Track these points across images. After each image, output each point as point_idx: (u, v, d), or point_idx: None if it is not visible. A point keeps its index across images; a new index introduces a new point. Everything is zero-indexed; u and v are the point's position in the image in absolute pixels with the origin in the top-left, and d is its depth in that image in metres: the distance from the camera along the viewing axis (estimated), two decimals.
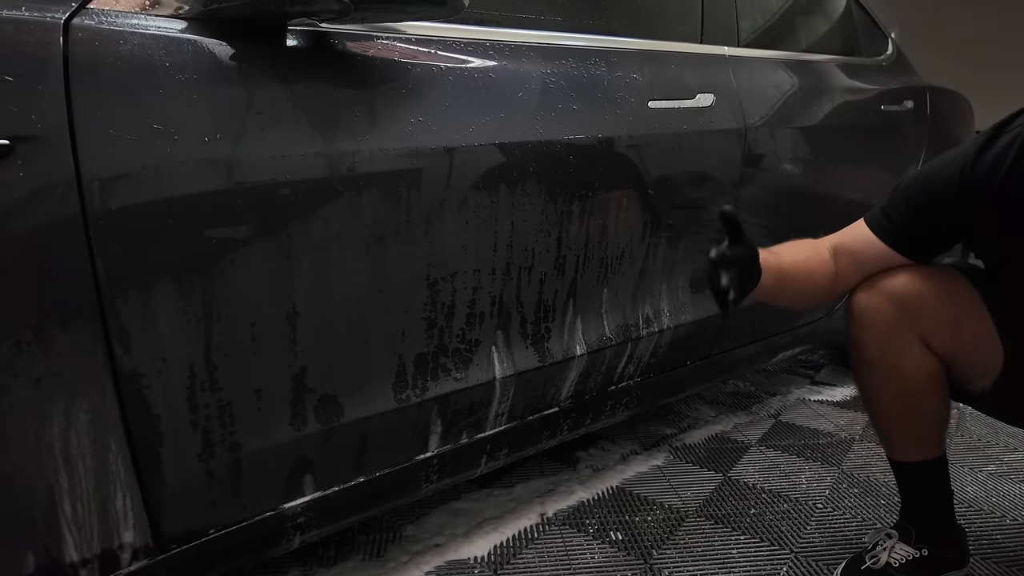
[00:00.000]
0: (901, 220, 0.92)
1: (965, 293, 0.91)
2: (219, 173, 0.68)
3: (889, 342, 0.92)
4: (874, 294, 0.92)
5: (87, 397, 0.64)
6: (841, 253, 0.97)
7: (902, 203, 0.92)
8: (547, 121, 0.97)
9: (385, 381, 0.87)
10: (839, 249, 0.97)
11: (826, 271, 0.96)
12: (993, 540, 1.16)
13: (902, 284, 0.91)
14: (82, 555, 0.66)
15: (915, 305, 0.90)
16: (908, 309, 0.90)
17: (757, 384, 1.97)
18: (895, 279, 0.91)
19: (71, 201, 0.60)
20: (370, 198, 0.79)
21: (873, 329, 0.93)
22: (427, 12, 0.76)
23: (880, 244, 0.93)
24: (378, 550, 1.13)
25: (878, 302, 0.92)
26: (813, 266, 0.96)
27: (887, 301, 0.91)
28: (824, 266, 0.96)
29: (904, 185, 0.93)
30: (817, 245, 0.99)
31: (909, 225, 0.91)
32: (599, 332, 1.13)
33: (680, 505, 1.28)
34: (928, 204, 0.89)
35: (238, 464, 0.76)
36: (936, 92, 1.95)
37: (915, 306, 0.90)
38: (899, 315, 0.90)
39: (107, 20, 0.64)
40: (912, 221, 0.91)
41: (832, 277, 0.96)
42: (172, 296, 0.67)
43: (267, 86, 0.72)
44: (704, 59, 1.28)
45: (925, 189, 0.89)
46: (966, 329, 0.90)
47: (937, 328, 0.90)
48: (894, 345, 0.91)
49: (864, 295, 0.94)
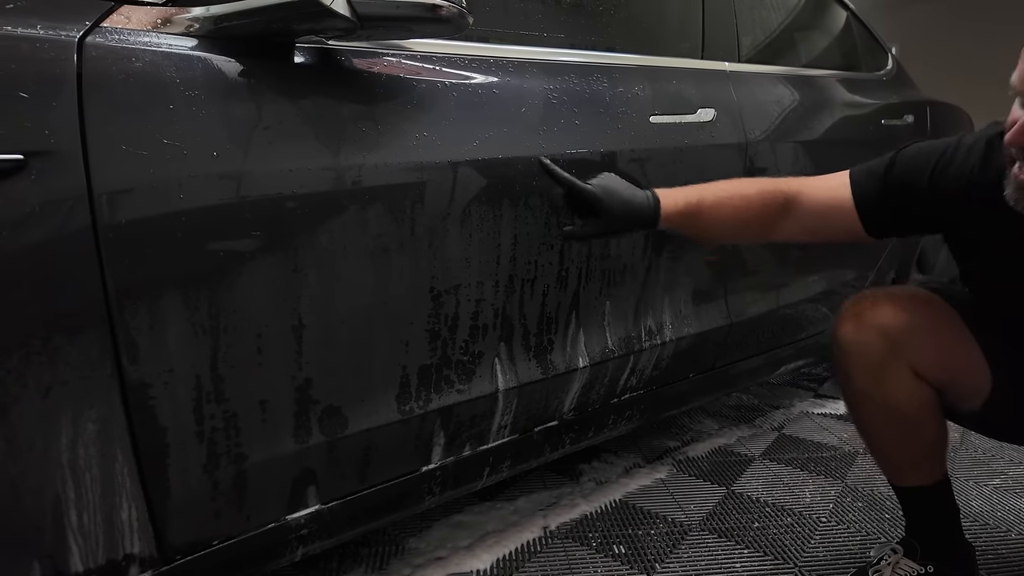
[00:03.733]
0: (883, 194, 0.90)
1: (951, 319, 0.91)
2: (227, 187, 0.69)
3: (881, 376, 0.90)
4: (861, 328, 0.90)
5: (94, 407, 0.64)
6: (800, 197, 0.94)
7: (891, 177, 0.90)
8: (550, 136, 0.98)
9: (389, 393, 0.88)
10: (800, 194, 0.94)
11: (762, 211, 0.93)
12: (999, 554, 1.16)
13: (890, 316, 0.89)
14: (87, 565, 0.67)
15: (904, 337, 0.88)
16: (897, 341, 0.88)
17: (760, 397, 1.96)
18: (881, 311, 0.90)
19: (82, 214, 0.61)
20: (375, 211, 0.80)
21: (863, 363, 0.91)
22: (432, 30, 0.78)
23: (848, 206, 0.91)
24: (380, 563, 1.13)
25: (866, 336, 0.90)
26: (739, 204, 0.93)
27: (876, 335, 0.89)
28: (763, 207, 0.93)
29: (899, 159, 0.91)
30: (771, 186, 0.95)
31: (888, 201, 0.90)
32: (602, 344, 1.14)
33: (683, 518, 1.27)
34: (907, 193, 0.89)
35: (242, 475, 0.76)
36: (936, 106, 1.96)
37: (904, 338, 0.88)
38: (889, 348, 0.88)
39: (120, 38, 0.65)
40: (892, 199, 0.90)
41: (770, 218, 0.94)
42: (179, 308, 0.68)
43: (275, 101, 0.73)
44: (705, 74, 1.30)
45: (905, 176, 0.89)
46: (955, 355, 0.90)
47: (927, 357, 0.89)
48: (886, 378, 0.90)
49: (851, 329, 0.91)
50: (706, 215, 0.93)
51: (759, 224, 0.95)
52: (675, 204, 0.91)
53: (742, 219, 0.94)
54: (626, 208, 0.89)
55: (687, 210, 0.91)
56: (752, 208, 0.94)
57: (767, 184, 0.96)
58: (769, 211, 0.94)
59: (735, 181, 0.98)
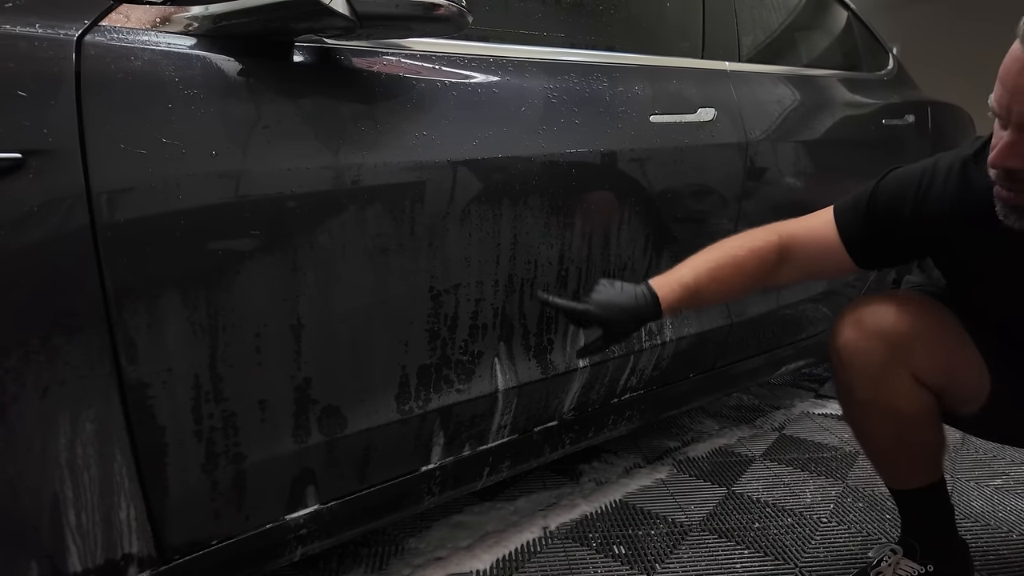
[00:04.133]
0: (866, 228, 0.92)
1: (950, 324, 0.91)
2: (226, 186, 0.69)
3: (883, 383, 0.89)
4: (862, 334, 0.90)
5: (93, 407, 0.64)
6: (791, 244, 0.95)
7: (872, 210, 0.92)
8: (550, 135, 0.98)
9: (388, 392, 0.88)
10: (791, 241, 0.96)
11: (757, 270, 0.95)
12: (1000, 555, 1.15)
13: (890, 322, 0.89)
14: (85, 565, 0.67)
15: (906, 343, 0.88)
16: (899, 348, 0.88)
17: (761, 397, 1.96)
18: (882, 318, 0.89)
19: (80, 213, 0.61)
20: (374, 211, 0.80)
21: (866, 371, 0.90)
22: (431, 29, 0.78)
23: (836, 244, 0.93)
24: (380, 563, 1.13)
25: (867, 344, 0.89)
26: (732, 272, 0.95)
27: (876, 341, 0.89)
28: (757, 265, 0.95)
29: (879, 190, 0.92)
30: (760, 242, 0.96)
31: (873, 234, 0.91)
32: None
33: (683, 519, 1.27)
34: (892, 221, 0.90)
35: (241, 475, 0.76)
36: (937, 106, 1.96)
37: (906, 344, 0.88)
38: (891, 355, 0.88)
39: (119, 37, 0.65)
40: (876, 231, 0.91)
41: (765, 273, 0.95)
42: (178, 307, 0.68)
43: (274, 101, 0.73)
44: (705, 74, 1.29)
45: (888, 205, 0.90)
46: (956, 360, 0.89)
47: (929, 363, 0.89)
48: (889, 386, 0.89)
49: (851, 335, 0.91)
50: (704, 292, 0.94)
51: (756, 282, 0.97)
52: (672, 293, 0.92)
53: (739, 283, 0.96)
54: (626, 314, 0.91)
55: (684, 295, 0.93)
56: (746, 271, 0.95)
57: (757, 241, 0.96)
58: (763, 268, 0.95)
59: (724, 245, 0.97)
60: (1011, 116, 0.69)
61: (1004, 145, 0.70)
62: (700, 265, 0.95)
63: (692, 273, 0.94)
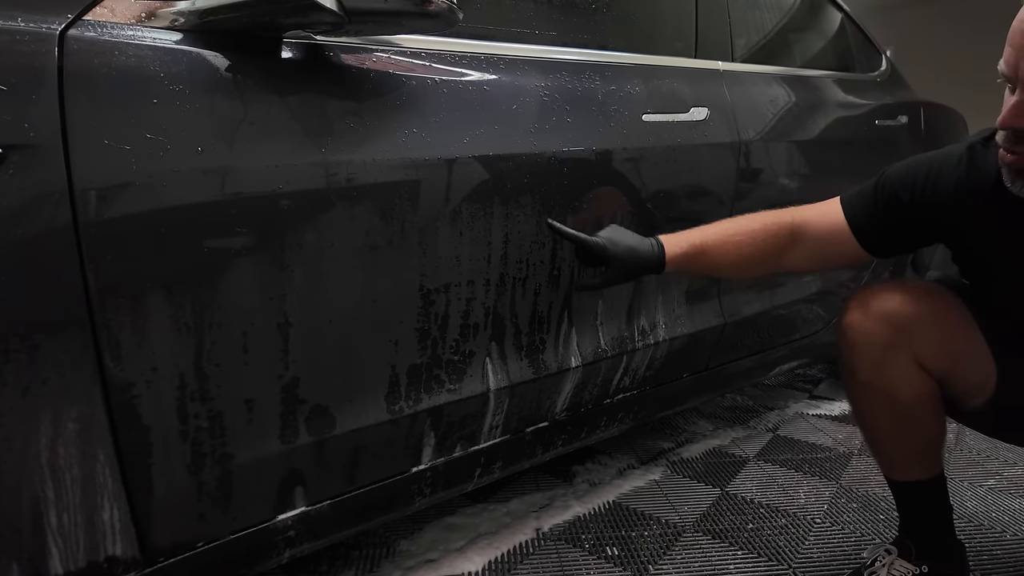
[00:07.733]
0: (875, 213, 0.93)
1: (958, 312, 0.90)
2: (212, 183, 0.68)
3: (885, 365, 0.89)
4: (868, 317, 0.90)
5: (75, 407, 0.63)
6: (803, 226, 0.97)
7: (881, 195, 0.93)
8: (541, 134, 0.97)
9: (378, 392, 0.87)
10: (803, 224, 0.97)
11: (767, 245, 0.96)
12: (993, 556, 1.15)
13: (896, 305, 0.89)
14: (67, 568, 0.65)
15: (910, 326, 0.88)
16: (903, 330, 0.88)
17: (755, 398, 1.96)
18: (888, 300, 0.89)
19: (63, 210, 0.60)
20: (364, 209, 0.79)
21: (868, 353, 0.90)
22: (421, 25, 0.77)
23: (845, 230, 0.94)
24: (371, 565, 1.12)
25: (872, 325, 0.89)
26: (743, 240, 0.96)
27: (881, 323, 0.89)
28: (768, 240, 0.96)
29: (887, 177, 0.93)
30: (772, 219, 0.98)
31: (882, 219, 0.92)
32: (594, 344, 1.13)
33: (677, 520, 1.27)
34: (900, 206, 0.91)
35: (228, 476, 0.75)
36: (930, 107, 1.96)
37: (910, 327, 0.88)
38: (894, 337, 0.88)
39: (103, 31, 0.64)
40: (886, 216, 0.92)
41: (776, 251, 0.96)
42: (163, 305, 0.67)
43: (262, 97, 0.72)
44: (698, 74, 1.29)
45: (896, 190, 0.91)
46: (960, 349, 0.89)
47: (932, 349, 0.88)
48: (890, 368, 0.89)
49: (857, 317, 0.91)
50: (711, 254, 0.95)
51: (765, 258, 0.97)
52: (679, 247, 0.94)
53: (747, 255, 0.96)
54: (632, 255, 0.92)
55: (691, 252, 0.94)
56: (756, 243, 0.96)
57: (770, 218, 0.98)
58: (774, 244, 0.96)
59: (739, 218, 0.99)
60: (1019, 75, 0.70)
61: (1013, 105, 0.72)
62: (711, 229, 0.97)
63: (702, 235, 0.96)
